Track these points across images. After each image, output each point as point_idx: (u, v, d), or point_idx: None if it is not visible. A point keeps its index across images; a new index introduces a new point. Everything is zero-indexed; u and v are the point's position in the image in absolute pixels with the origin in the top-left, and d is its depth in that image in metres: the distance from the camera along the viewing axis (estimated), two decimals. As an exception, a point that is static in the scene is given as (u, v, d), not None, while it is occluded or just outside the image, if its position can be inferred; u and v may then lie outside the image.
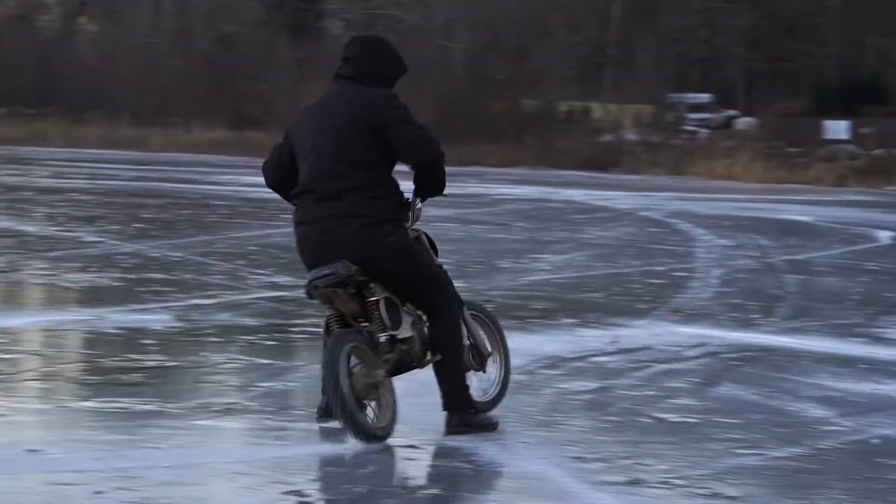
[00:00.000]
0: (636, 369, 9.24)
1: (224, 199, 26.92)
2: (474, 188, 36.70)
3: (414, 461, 6.57)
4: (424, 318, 7.16)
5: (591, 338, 10.56)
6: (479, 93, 67.47)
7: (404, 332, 6.96)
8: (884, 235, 22.58)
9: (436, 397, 8.03)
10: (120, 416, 7.41)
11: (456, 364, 7.12)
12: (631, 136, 59.69)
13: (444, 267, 7.57)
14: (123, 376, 8.52)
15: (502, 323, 10.30)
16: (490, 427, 7.13)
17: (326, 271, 6.79)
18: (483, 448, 6.82)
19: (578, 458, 6.71)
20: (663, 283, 14.71)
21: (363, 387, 6.70)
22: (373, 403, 6.77)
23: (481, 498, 5.99)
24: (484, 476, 6.36)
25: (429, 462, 6.56)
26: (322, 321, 7.23)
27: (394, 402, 6.87)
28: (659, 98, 70.86)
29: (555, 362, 9.45)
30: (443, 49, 69.99)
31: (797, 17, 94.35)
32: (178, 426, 7.17)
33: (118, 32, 70.52)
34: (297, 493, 5.93)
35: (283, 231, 19.60)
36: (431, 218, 23.57)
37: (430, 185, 7.39)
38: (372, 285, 6.89)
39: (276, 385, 8.36)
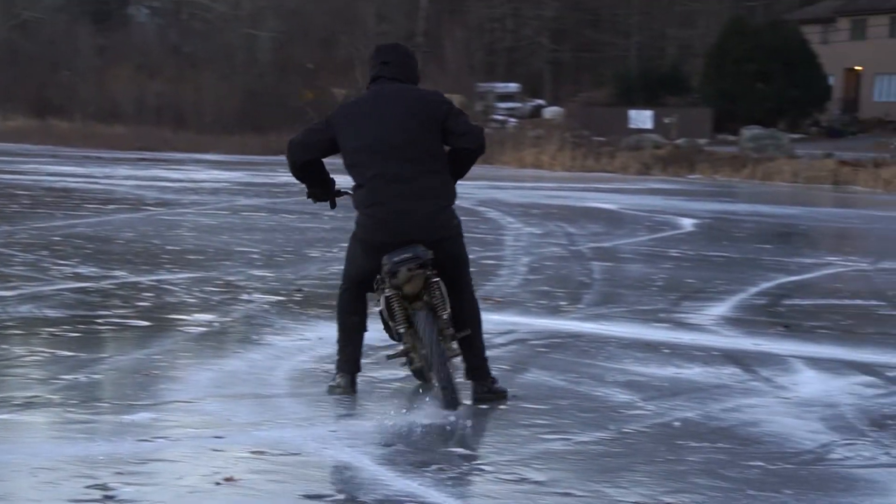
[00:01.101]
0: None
1: (26, 189, 26.28)
2: (284, 177, 36.49)
3: (221, 452, 6.49)
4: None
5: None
6: (286, 81, 67.09)
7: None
8: (686, 223, 23.14)
9: (242, 388, 7.97)
10: (-85, 412, 7.16)
11: (481, 337, 7.92)
12: (440, 125, 59.92)
13: (257, 255, 7.50)
14: (-81, 372, 8.25)
15: (312, 312, 10.26)
16: (504, 396, 7.89)
17: (409, 254, 7.45)
18: (291, 437, 6.79)
19: (387, 446, 6.71)
20: (473, 270, 14.77)
21: None
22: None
23: (291, 489, 5.94)
24: (293, 466, 6.32)
25: (236, 454, 6.48)
26: (378, 301, 7.85)
27: None
28: (468, 88, 71.46)
29: (364, 351, 9.42)
30: (250, 37, 69.33)
31: (601, 9, 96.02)
32: (-23, 422, 6.97)
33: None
34: (102, 486, 5.82)
35: (88, 221, 19.24)
36: (241, 207, 23.42)
37: (464, 171, 8.03)
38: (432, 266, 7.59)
39: (80, 378, 8.18)
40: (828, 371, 9.07)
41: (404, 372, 8.56)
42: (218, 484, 5.95)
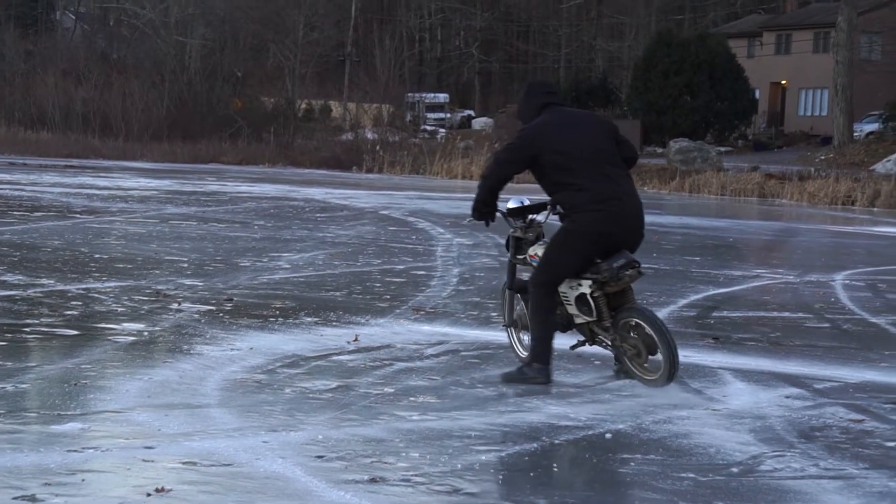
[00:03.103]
0: (377, 368, 9.27)
1: (-50, 196, 25.94)
2: (213, 186, 36.33)
3: (152, 463, 6.44)
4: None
5: (332, 336, 10.55)
6: (215, 89, 66.73)
7: None
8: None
9: (172, 398, 7.91)
10: None
11: None
12: (370, 135, 59.98)
13: (186, 264, 7.45)
14: None
15: (243, 322, 10.22)
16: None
17: (624, 260, 8.64)
18: (223, 448, 6.74)
19: (319, 457, 6.69)
20: (403, 281, 14.81)
21: None
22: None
23: (222, 500, 5.90)
24: (224, 477, 6.28)
25: (167, 464, 6.43)
26: (555, 302, 8.86)
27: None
28: (397, 97, 71.45)
29: (296, 361, 9.41)
30: (179, 44, 68.92)
31: (531, 20, 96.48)
32: None
33: None
34: (31, 498, 5.75)
35: (14, 228, 19.03)
36: (170, 215, 23.26)
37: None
38: None
39: (7, 387, 8.08)
40: (757, 383, 9.15)
41: (336, 382, 8.54)
42: (149, 495, 5.90)
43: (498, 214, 9.49)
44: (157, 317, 11.24)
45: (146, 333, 10.40)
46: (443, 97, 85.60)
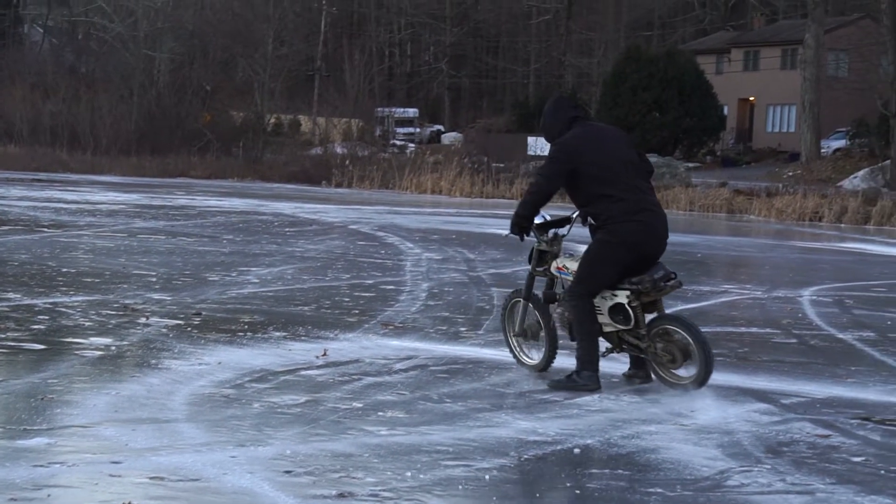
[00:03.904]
0: (345, 382, 9.26)
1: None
2: (181, 200, 36.24)
3: (119, 478, 6.41)
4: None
5: (301, 351, 10.53)
6: (184, 103, 66.58)
7: None
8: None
9: (140, 413, 7.89)
10: None
11: None
12: (340, 149, 59.94)
13: (154, 278, 7.44)
14: None
15: (211, 336, 10.21)
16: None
17: (662, 272, 9.19)
18: (191, 463, 6.72)
19: (287, 472, 6.67)
20: (372, 296, 14.79)
21: None
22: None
23: (189, 515, 5.89)
24: (192, 492, 6.25)
25: (134, 479, 6.40)
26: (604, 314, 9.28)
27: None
28: (367, 112, 71.47)
29: (264, 376, 9.39)
30: (148, 58, 68.76)
31: (500, 36, 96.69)
32: None
33: None
34: (-4, 515, 5.72)
35: (-19, 242, 18.91)
36: (138, 229, 23.18)
37: None
38: None
39: (-27, 403, 8.03)
40: (725, 398, 9.17)
41: (304, 397, 8.53)
42: (116, 511, 5.88)
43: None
44: (124, 331, 11.20)
45: (114, 348, 10.36)
46: (412, 112, 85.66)
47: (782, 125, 73.13)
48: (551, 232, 9.89)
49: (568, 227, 9.86)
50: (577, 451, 7.47)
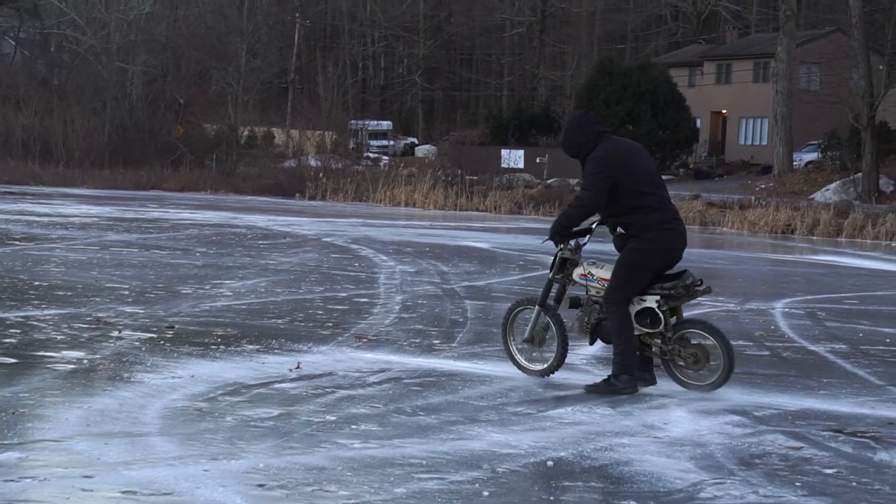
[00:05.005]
0: (319, 395, 9.25)
1: None
2: (154, 212, 36.15)
3: (91, 492, 6.39)
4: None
5: (274, 364, 10.51)
6: (157, 116, 66.44)
7: None
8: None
9: (112, 427, 7.86)
10: None
11: None
12: (314, 161, 59.89)
13: (127, 291, 7.42)
14: None
15: (184, 349, 10.20)
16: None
17: (692, 278, 9.83)
18: (163, 477, 6.70)
19: (260, 486, 6.66)
20: (346, 308, 14.78)
21: None
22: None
23: (162, 529, 5.86)
24: (165, 507, 6.24)
25: (106, 494, 6.38)
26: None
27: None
28: (341, 124, 71.43)
29: (237, 389, 9.37)
30: (121, 71, 68.58)
31: (474, 48, 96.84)
32: None
33: None
34: (-33, 529, 5.69)
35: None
36: (111, 242, 23.10)
37: None
38: None
39: (-56, 417, 7.98)
40: (698, 411, 9.20)
41: (278, 410, 8.51)
42: (88, 525, 5.85)
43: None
44: (97, 344, 11.16)
45: (86, 361, 10.32)
46: (386, 124, 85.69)
47: (755, 138, 73.39)
48: (573, 241, 10.24)
49: (588, 236, 10.29)
50: (550, 463, 7.48)
